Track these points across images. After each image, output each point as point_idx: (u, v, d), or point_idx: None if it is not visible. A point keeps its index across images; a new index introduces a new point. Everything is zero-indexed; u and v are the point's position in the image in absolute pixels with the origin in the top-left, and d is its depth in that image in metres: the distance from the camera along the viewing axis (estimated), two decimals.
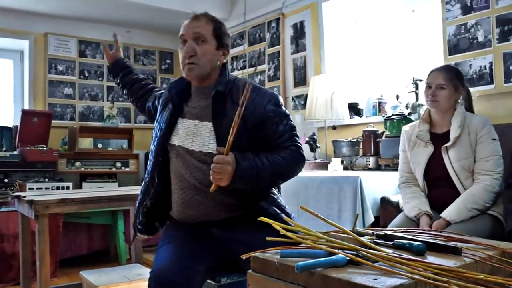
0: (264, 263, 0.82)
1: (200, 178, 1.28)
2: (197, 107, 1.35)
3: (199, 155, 1.29)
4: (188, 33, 1.30)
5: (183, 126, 1.33)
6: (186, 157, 1.30)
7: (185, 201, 1.31)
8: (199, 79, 1.33)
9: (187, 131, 1.32)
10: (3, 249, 2.62)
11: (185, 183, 1.30)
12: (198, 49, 1.29)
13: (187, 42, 1.30)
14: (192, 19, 1.33)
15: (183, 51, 1.31)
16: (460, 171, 1.66)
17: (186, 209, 1.31)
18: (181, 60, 1.32)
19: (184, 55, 1.30)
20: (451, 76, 1.72)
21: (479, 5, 2.30)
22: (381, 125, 2.59)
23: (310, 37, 3.29)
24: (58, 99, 3.90)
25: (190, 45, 1.29)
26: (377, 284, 0.64)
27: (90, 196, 1.92)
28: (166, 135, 1.34)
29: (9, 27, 3.68)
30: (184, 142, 1.31)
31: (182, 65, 1.31)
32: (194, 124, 1.32)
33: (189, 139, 1.30)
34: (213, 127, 1.29)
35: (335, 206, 2.07)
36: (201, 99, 1.35)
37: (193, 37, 1.29)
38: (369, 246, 0.80)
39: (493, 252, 0.86)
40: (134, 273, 1.98)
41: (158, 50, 4.49)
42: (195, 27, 1.31)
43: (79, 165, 3.53)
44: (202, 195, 1.27)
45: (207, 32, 1.31)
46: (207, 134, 1.29)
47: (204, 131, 1.30)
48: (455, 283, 0.66)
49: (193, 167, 1.29)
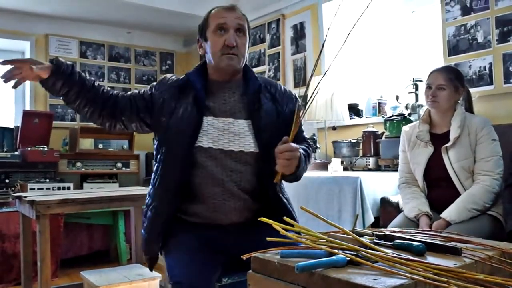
0: (264, 263, 0.82)
1: (237, 181, 1.21)
2: (227, 103, 1.25)
3: (239, 156, 1.21)
4: (232, 22, 1.22)
5: (212, 125, 1.21)
6: (222, 159, 1.20)
7: (217, 207, 1.20)
8: (234, 72, 1.26)
9: (219, 130, 1.21)
10: (4, 249, 2.63)
11: (219, 188, 1.19)
12: (239, 40, 1.22)
13: (229, 31, 1.21)
14: (230, 9, 1.25)
15: (222, 39, 1.21)
16: (460, 172, 1.66)
17: (215, 214, 1.21)
18: (219, 48, 1.21)
19: (224, 44, 1.20)
20: (451, 77, 1.72)
21: (479, 6, 2.30)
22: (381, 126, 2.59)
23: (310, 38, 3.30)
24: (59, 100, 3.88)
25: (233, 35, 1.21)
26: (377, 284, 0.64)
27: (91, 197, 1.92)
28: (192, 136, 1.19)
29: (11, 28, 3.69)
30: (219, 143, 1.20)
31: (219, 53, 1.21)
32: (228, 122, 1.22)
33: (224, 139, 1.20)
34: (252, 124, 1.23)
35: (335, 207, 2.08)
36: (230, 94, 1.26)
37: (235, 28, 1.22)
38: (369, 247, 0.80)
39: (493, 253, 0.85)
40: (134, 273, 1.98)
41: (159, 51, 4.50)
42: (237, 18, 1.23)
43: (80, 166, 3.54)
44: (236, 200, 1.21)
45: (245, 25, 1.26)
46: (246, 133, 1.23)
47: (242, 129, 1.23)
48: (455, 283, 0.66)
49: (231, 169, 1.20)
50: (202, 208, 1.22)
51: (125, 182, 3.62)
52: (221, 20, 1.22)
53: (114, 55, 4.24)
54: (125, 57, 4.30)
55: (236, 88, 1.28)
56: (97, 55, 4.13)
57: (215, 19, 1.24)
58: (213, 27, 1.23)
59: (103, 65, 4.16)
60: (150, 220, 1.26)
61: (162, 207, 1.24)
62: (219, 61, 1.23)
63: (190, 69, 1.33)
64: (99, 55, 4.13)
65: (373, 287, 0.64)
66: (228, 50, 1.21)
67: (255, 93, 1.26)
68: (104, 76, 4.17)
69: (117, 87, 4.25)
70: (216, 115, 1.23)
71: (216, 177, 1.20)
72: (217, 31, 1.22)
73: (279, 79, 3.56)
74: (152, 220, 1.25)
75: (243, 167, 1.22)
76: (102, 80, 4.16)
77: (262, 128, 1.23)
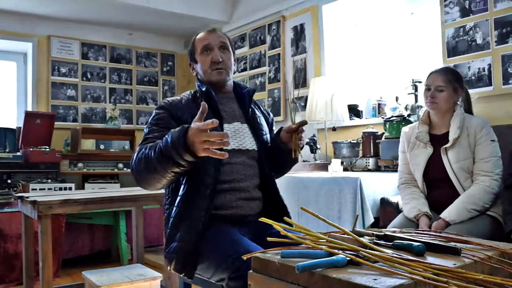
0: (265, 263, 0.82)
1: (250, 174, 1.36)
2: (231, 111, 1.42)
3: (252, 153, 1.37)
4: (214, 42, 1.39)
5: (229, 130, 1.37)
6: (240, 157, 1.34)
7: (243, 198, 1.32)
8: (224, 83, 1.42)
9: (234, 133, 1.37)
10: (6, 249, 2.64)
11: (243, 184, 1.33)
12: (224, 56, 1.39)
13: (214, 50, 1.38)
14: (212, 31, 1.43)
15: (209, 58, 1.38)
16: (459, 172, 1.67)
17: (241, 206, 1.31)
18: (207, 66, 1.38)
19: (212, 61, 1.37)
20: (450, 78, 1.73)
21: (478, 8, 2.32)
22: (381, 127, 2.60)
23: (310, 39, 3.31)
24: (61, 101, 3.92)
25: (217, 52, 1.38)
26: (377, 284, 0.64)
27: (93, 197, 1.91)
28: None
29: (13, 30, 3.70)
30: (236, 145, 1.35)
31: (209, 70, 1.38)
32: (238, 127, 1.39)
33: (239, 140, 1.37)
34: (249, 127, 1.41)
35: (335, 207, 2.08)
36: (228, 103, 1.43)
37: (218, 46, 1.39)
38: (369, 247, 0.80)
39: (492, 253, 0.86)
40: (135, 273, 1.99)
41: (160, 52, 4.51)
42: (219, 37, 1.41)
43: (82, 166, 3.55)
44: (256, 192, 1.36)
45: (227, 42, 1.43)
46: (249, 134, 1.40)
47: (246, 132, 1.40)
48: (455, 283, 0.66)
49: (247, 165, 1.35)
50: (231, 202, 1.31)
51: (127, 182, 3.62)
52: (205, 42, 1.40)
53: (115, 56, 4.25)
54: (127, 58, 4.32)
55: (231, 99, 1.45)
56: (98, 57, 4.14)
57: (199, 42, 1.41)
58: (200, 49, 1.40)
59: (105, 66, 4.17)
60: (186, 229, 1.25)
61: (197, 213, 1.25)
62: (210, 77, 1.39)
63: (189, 70, 1.49)
64: (100, 56, 4.15)
65: (373, 287, 0.63)
66: (215, 66, 1.38)
67: (250, 97, 1.45)
68: (106, 77, 4.19)
69: (119, 88, 4.27)
70: (229, 122, 1.39)
71: (233, 175, 1.32)
72: (204, 51, 1.39)
73: (279, 80, 3.57)
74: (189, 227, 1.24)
75: (252, 161, 1.38)
76: (103, 81, 4.18)
77: (256, 129, 1.42)
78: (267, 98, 3.67)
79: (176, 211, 1.29)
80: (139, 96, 4.37)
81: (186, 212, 1.27)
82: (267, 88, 3.70)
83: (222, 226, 1.26)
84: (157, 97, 4.48)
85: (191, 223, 1.25)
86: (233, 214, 1.30)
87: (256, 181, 1.37)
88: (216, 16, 3.96)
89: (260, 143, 1.40)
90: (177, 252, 1.24)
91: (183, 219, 1.27)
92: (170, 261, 1.27)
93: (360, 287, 0.65)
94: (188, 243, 1.23)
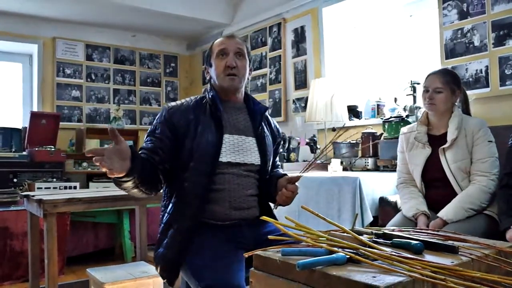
0: (266, 261, 0.83)
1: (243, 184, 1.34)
2: (235, 122, 1.38)
3: (250, 167, 1.36)
4: (231, 47, 1.36)
5: (229, 142, 1.33)
6: (234, 168, 1.32)
7: (233, 204, 1.32)
8: (236, 91, 1.38)
9: (234, 146, 1.34)
10: (12, 247, 2.65)
11: (235, 193, 1.32)
12: (239, 62, 1.35)
13: (229, 55, 1.34)
14: (230, 37, 1.40)
15: (223, 62, 1.34)
16: (457, 172, 1.68)
17: (234, 211, 1.32)
18: (221, 70, 1.34)
19: (226, 66, 1.33)
20: (448, 80, 1.73)
21: (475, 10, 2.34)
22: (380, 127, 2.62)
23: (311, 41, 3.34)
24: (66, 102, 3.96)
25: (232, 57, 1.34)
26: (376, 282, 0.65)
27: (97, 196, 1.91)
28: (215, 153, 1.30)
29: (19, 32, 3.74)
30: (233, 157, 1.32)
31: (222, 75, 1.34)
32: (241, 139, 1.36)
33: (238, 154, 1.34)
34: (256, 142, 1.39)
35: (335, 206, 2.07)
36: (235, 113, 1.39)
37: (234, 51, 1.35)
38: (368, 245, 0.81)
39: (489, 251, 0.86)
40: (139, 270, 1.99)
41: (163, 54, 4.54)
42: (236, 44, 1.37)
43: (86, 166, 3.58)
44: (252, 201, 1.36)
45: (244, 49, 1.39)
46: (253, 149, 1.38)
47: (251, 146, 1.38)
48: (452, 281, 0.66)
49: (243, 175, 1.34)
50: (220, 208, 1.31)
51: None
52: (222, 46, 1.37)
53: (119, 57, 4.29)
54: (130, 60, 4.35)
55: (241, 109, 1.42)
56: (102, 58, 4.18)
57: (217, 46, 1.38)
58: (216, 53, 1.37)
59: (109, 67, 4.21)
60: (172, 237, 1.28)
61: (184, 222, 1.28)
62: (222, 82, 1.35)
63: (192, 71, 1.47)
64: (104, 57, 4.18)
65: (372, 284, 0.65)
66: (229, 71, 1.33)
67: (261, 115, 1.41)
68: (110, 79, 4.23)
69: (122, 89, 4.31)
70: (231, 133, 1.35)
71: (229, 187, 1.31)
72: (220, 55, 1.36)
73: (280, 82, 3.61)
74: (174, 236, 1.28)
75: (250, 174, 1.37)
76: (107, 82, 4.22)
77: (264, 146, 1.40)
78: (268, 99, 3.71)
79: (167, 217, 1.33)
80: (142, 97, 4.41)
81: (175, 219, 1.30)
82: (268, 89, 3.73)
83: (210, 240, 1.26)
84: (160, 98, 4.52)
85: (177, 232, 1.28)
86: (224, 224, 1.30)
87: (251, 191, 1.35)
88: (218, 18, 3.99)
89: (263, 161, 1.38)
90: (162, 259, 1.29)
91: (171, 226, 1.30)
92: (156, 265, 1.32)
93: (359, 285, 0.66)
94: (172, 251, 1.26)
